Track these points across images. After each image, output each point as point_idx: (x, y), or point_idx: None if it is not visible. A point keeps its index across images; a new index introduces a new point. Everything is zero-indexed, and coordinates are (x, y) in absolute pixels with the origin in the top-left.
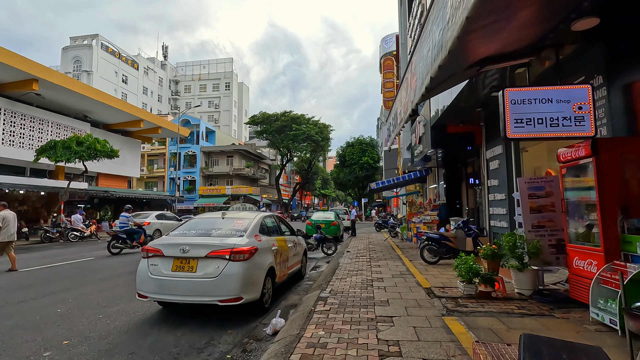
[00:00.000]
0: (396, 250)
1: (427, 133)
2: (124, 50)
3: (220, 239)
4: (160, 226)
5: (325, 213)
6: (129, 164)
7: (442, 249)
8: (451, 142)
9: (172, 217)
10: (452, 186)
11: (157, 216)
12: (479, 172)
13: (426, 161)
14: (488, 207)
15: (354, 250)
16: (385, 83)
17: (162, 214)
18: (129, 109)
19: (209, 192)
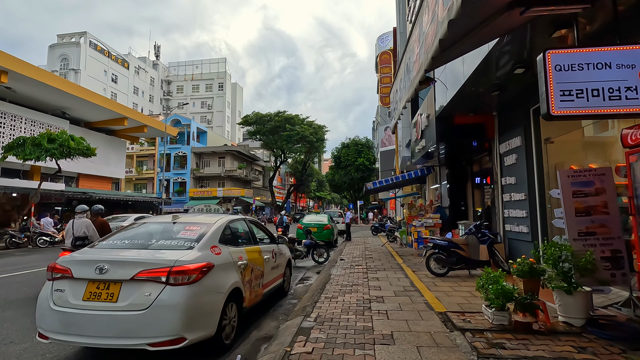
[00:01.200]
0: (396, 257)
1: (431, 126)
2: (113, 49)
3: (158, 252)
4: None
5: (318, 216)
6: (113, 164)
7: (452, 259)
8: (458, 135)
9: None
10: (456, 186)
11: (137, 219)
12: (487, 171)
13: (427, 159)
14: (502, 209)
15: (349, 258)
16: (382, 79)
17: (141, 217)
18: (111, 105)
19: (200, 194)
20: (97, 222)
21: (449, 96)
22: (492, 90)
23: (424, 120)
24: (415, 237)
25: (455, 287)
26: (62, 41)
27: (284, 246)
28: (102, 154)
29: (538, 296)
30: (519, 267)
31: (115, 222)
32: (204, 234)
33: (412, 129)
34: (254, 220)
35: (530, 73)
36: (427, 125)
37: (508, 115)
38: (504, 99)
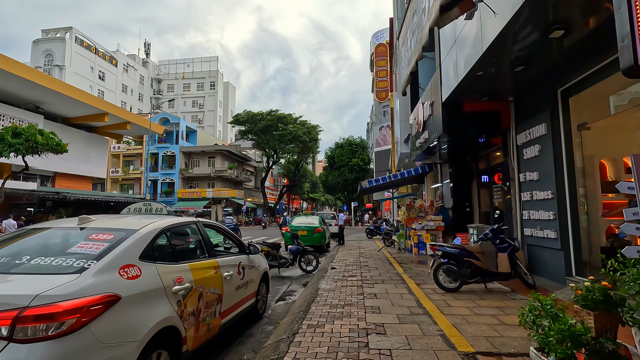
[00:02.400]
0: (394, 265)
1: (436, 115)
2: (101, 46)
3: (16, 282)
4: None
5: (309, 218)
6: (94, 162)
7: (466, 270)
8: (468, 124)
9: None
10: (460, 185)
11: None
12: (495, 168)
13: (429, 155)
14: (519, 211)
15: (341, 266)
16: (378, 72)
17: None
18: (89, 100)
19: (189, 195)
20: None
21: (460, 76)
22: (516, 64)
23: (426, 109)
24: (415, 241)
25: (473, 307)
26: (46, 36)
27: (258, 256)
28: (82, 152)
29: (616, 337)
30: (588, 293)
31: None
32: (112, 246)
33: (412, 121)
34: (211, 223)
35: (570, 38)
36: (431, 115)
37: (529, 99)
38: (525, 79)
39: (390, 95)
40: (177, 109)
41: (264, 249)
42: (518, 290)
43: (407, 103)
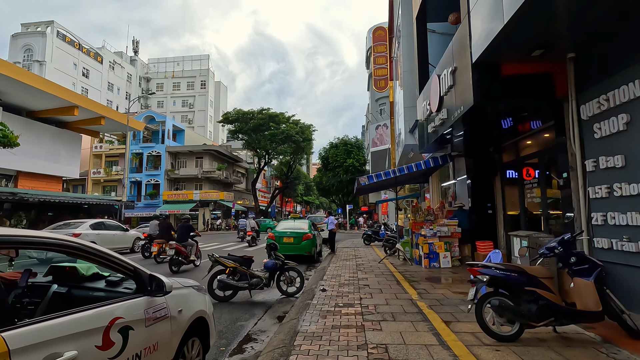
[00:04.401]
0: (404, 285)
1: (461, 83)
2: (85, 41)
3: None
4: (97, 238)
5: (297, 222)
6: (64, 161)
7: (530, 306)
8: (507, 93)
9: (114, 226)
10: (480, 182)
11: (93, 225)
12: (523, 160)
13: (441, 145)
14: (587, 213)
15: (334, 286)
16: (377, 58)
17: (100, 223)
18: (54, 90)
19: (175, 197)
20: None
21: (504, 16)
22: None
23: (446, 80)
24: (426, 251)
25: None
26: (26, 30)
27: (180, 294)
28: (50, 149)
29: None
30: None
31: (68, 229)
32: None
33: (422, 104)
34: (56, 242)
35: None
36: (453, 86)
37: (616, 47)
38: (600, 17)
39: (390, 85)
40: (167, 108)
41: (227, 265)
42: (614, 339)
43: (413, 86)
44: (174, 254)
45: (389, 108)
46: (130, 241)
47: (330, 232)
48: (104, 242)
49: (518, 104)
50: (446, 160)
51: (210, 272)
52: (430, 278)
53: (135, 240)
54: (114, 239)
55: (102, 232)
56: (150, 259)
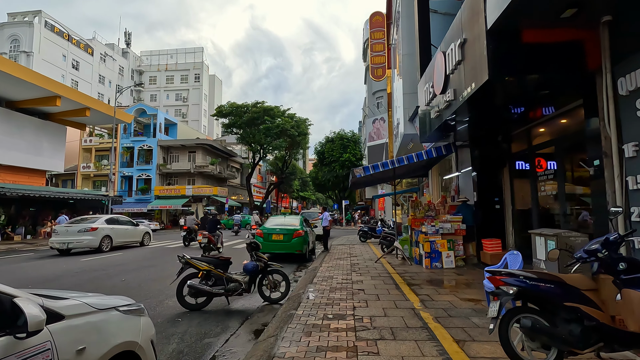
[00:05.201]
0: (404, 289)
1: (473, 56)
2: (75, 32)
3: None
4: (111, 232)
5: (287, 218)
6: (48, 154)
7: (572, 327)
8: (529, 64)
9: (125, 221)
10: (486, 174)
11: (108, 220)
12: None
13: (445, 133)
14: (624, 206)
15: (325, 291)
16: (374, 45)
17: (113, 218)
18: (33, 78)
19: (167, 192)
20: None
21: None
22: None
23: (453, 55)
24: (427, 249)
25: None
26: (12, 20)
27: (88, 322)
28: (31, 142)
29: None
30: None
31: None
32: None
33: (424, 88)
34: None
35: None
36: (462, 61)
37: None
38: None
39: (388, 74)
40: (160, 102)
41: (200, 267)
42: None
43: (413, 69)
44: (207, 242)
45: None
46: (140, 235)
47: (324, 229)
48: (117, 235)
49: (540, 79)
50: (450, 150)
51: (179, 276)
52: (433, 281)
53: (144, 235)
54: (127, 232)
55: (116, 227)
56: (188, 247)
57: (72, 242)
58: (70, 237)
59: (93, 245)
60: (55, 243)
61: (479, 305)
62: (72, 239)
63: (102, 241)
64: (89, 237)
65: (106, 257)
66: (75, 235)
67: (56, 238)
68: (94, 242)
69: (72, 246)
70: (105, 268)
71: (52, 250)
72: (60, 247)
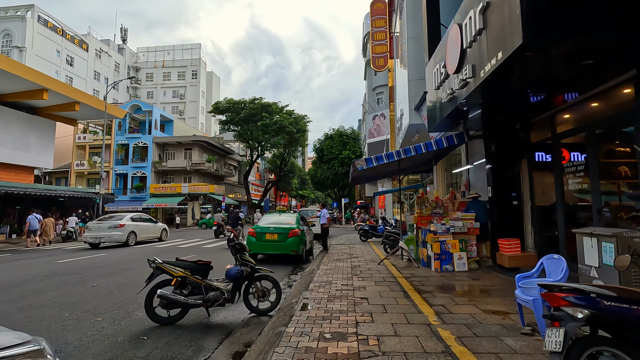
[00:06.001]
0: (414, 299)
1: (498, 21)
2: (69, 28)
3: None
4: (136, 228)
5: (283, 216)
6: (35, 150)
7: None
8: (575, 21)
9: (146, 218)
10: (502, 167)
11: (132, 217)
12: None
13: (455, 121)
14: None
15: (321, 299)
16: (375, 34)
17: (137, 216)
18: (17, 70)
19: (162, 190)
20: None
21: None
22: None
23: (472, 24)
24: (437, 250)
25: None
26: (4, 15)
27: None
28: (17, 137)
29: None
30: None
31: (112, 221)
32: None
33: (433, 70)
34: None
35: None
36: (484, 28)
37: None
38: None
39: (390, 66)
40: (157, 99)
41: (174, 274)
42: None
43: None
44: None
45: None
46: (159, 231)
47: (322, 228)
48: (140, 231)
49: (583, 43)
50: (462, 139)
51: (149, 284)
52: (446, 287)
53: (162, 231)
54: (148, 229)
55: (139, 224)
56: (219, 240)
57: (103, 237)
58: (101, 232)
59: (121, 240)
60: (88, 238)
61: (507, 320)
62: (103, 234)
63: (129, 236)
64: (118, 233)
65: (89, 257)
66: (106, 231)
67: (89, 233)
68: (122, 237)
69: (103, 241)
70: (81, 271)
71: (29, 251)
72: (93, 242)
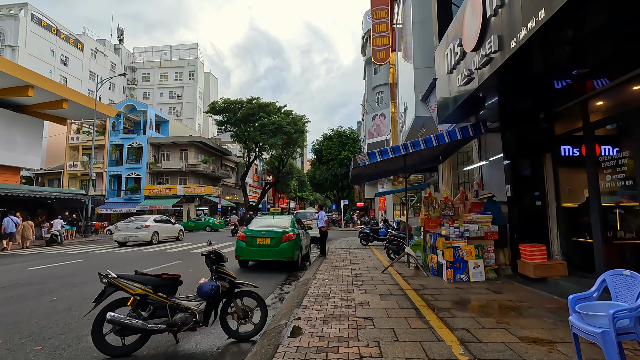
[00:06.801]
0: (431, 320)
1: None
2: (64, 27)
3: None
4: (158, 229)
5: (276, 218)
6: (21, 150)
7: None
8: None
9: (165, 220)
10: (523, 163)
11: (155, 219)
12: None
13: (470, 109)
14: None
15: (316, 320)
16: (376, 25)
17: (159, 218)
18: None
19: (157, 192)
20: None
21: None
22: None
23: None
24: (449, 258)
25: None
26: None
27: None
28: (3, 136)
29: None
30: None
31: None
32: None
33: (448, 47)
34: None
35: None
36: None
37: None
38: None
39: (391, 60)
40: (153, 99)
41: (131, 291)
42: None
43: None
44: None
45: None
46: (176, 232)
47: (320, 231)
48: (162, 231)
49: None
50: (479, 130)
51: (98, 304)
52: (465, 302)
53: (179, 232)
54: (167, 229)
55: (161, 225)
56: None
57: (131, 236)
58: (130, 232)
59: (146, 239)
60: (118, 237)
61: (556, 354)
62: (131, 233)
63: (152, 236)
64: (144, 232)
65: (63, 264)
66: (134, 231)
67: (119, 233)
68: (147, 236)
69: (131, 240)
70: (48, 280)
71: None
72: (122, 241)
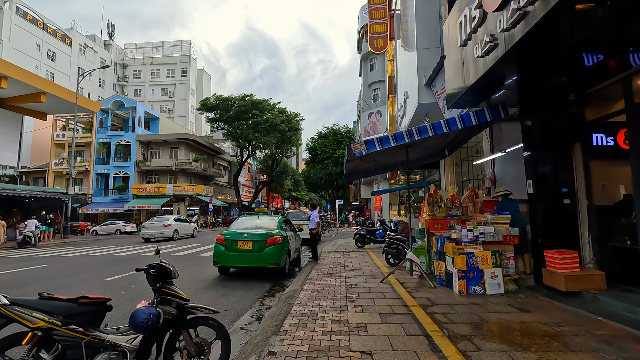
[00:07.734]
0: (448, 354)
1: None
2: (51, 21)
3: None
4: (178, 227)
5: (261, 219)
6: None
7: None
8: None
9: (183, 219)
10: (547, 155)
11: (175, 219)
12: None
13: (482, 93)
14: None
15: (298, 354)
16: (373, 11)
17: (178, 217)
18: None
19: (146, 191)
20: None
21: None
22: None
23: None
24: (461, 266)
25: None
26: None
27: None
28: None
29: None
30: None
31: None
32: None
33: (462, 15)
34: None
35: None
36: None
37: None
38: None
39: (389, 49)
40: (145, 97)
41: (28, 324)
42: None
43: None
44: None
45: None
46: (192, 229)
47: (311, 233)
48: (181, 229)
49: None
50: (498, 114)
51: None
52: (487, 325)
53: (194, 229)
54: (185, 227)
55: (180, 224)
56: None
57: (156, 233)
58: (155, 230)
59: (168, 236)
60: (145, 234)
61: None
62: (156, 231)
63: (174, 233)
64: (167, 230)
65: (18, 270)
66: (158, 229)
67: (145, 231)
68: (169, 233)
69: (156, 236)
70: None
71: None
72: (148, 237)
